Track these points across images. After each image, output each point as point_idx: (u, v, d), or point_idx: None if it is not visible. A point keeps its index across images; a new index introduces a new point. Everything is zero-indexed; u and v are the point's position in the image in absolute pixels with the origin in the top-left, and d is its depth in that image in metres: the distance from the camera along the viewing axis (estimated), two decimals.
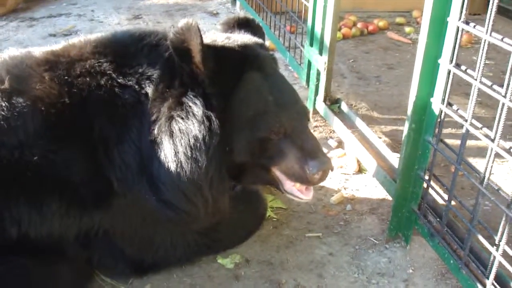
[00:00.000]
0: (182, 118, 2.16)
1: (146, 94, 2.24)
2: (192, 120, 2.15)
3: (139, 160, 2.22)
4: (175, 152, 2.16)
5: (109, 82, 2.24)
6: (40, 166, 2.08)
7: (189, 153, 2.16)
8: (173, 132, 2.17)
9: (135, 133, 2.23)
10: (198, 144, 2.16)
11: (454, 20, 2.07)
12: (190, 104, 2.17)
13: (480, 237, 2.07)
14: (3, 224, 2.05)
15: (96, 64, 2.26)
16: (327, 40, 3.53)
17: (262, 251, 2.64)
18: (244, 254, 2.62)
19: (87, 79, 2.23)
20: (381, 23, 5.95)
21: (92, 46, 2.33)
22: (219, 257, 2.58)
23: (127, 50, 2.32)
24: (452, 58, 2.12)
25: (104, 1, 6.93)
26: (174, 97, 2.20)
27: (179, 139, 2.16)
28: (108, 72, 2.25)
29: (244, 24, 2.61)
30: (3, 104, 2.09)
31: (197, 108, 2.16)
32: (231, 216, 2.60)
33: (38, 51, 2.39)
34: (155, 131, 2.19)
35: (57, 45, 2.45)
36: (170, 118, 2.18)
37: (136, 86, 2.24)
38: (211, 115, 2.17)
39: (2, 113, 2.08)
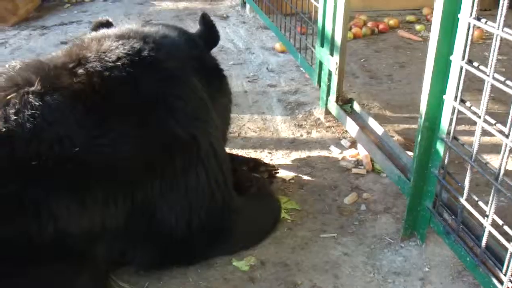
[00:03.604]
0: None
1: (191, 67, 2.62)
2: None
3: (206, 101, 2.57)
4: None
5: (153, 58, 2.44)
6: (83, 155, 2.11)
7: None
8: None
9: (194, 87, 2.54)
10: None
11: (465, 16, 2.06)
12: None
13: (496, 234, 2.05)
14: (39, 220, 2.04)
15: (131, 50, 2.41)
16: (338, 40, 3.52)
17: (277, 253, 2.64)
18: (259, 256, 2.62)
19: (128, 60, 2.36)
20: (392, 22, 5.93)
21: (113, 40, 2.47)
22: (234, 260, 2.58)
23: (150, 40, 2.53)
24: (464, 55, 2.11)
25: (114, 7, 6.96)
26: (214, 65, 2.93)
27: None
28: (147, 52, 2.45)
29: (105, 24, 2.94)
30: (37, 104, 2.12)
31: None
32: (246, 218, 2.62)
33: (51, 55, 2.53)
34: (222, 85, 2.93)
35: (66, 47, 2.58)
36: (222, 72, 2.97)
37: (178, 62, 2.55)
38: None
39: (37, 112, 2.10)
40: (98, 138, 2.18)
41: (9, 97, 2.15)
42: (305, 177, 3.24)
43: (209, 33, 2.87)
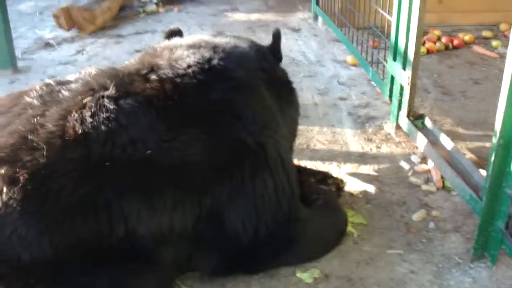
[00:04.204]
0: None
1: (260, 77, 2.65)
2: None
3: (275, 110, 2.62)
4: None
5: (222, 67, 2.51)
6: (154, 158, 2.19)
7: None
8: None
9: (263, 96, 2.59)
10: None
11: None
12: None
13: None
14: (111, 221, 2.11)
15: (201, 59, 2.49)
16: (410, 55, 3.48)
17: (341, 267, 2.62)
18: (323, 269, 2.60)
19: (198, 68, 2.44)
20: (467, 37, 5.79)
21: (184, 49, 2.56)
22: (298, 271, 2.57)
23: (219, 50, 2.58)
24: None
25: (188, 18, 7.09)
26: (283, 77, 2.95)
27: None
28: (217, 61, 2.51)
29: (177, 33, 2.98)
30: (111, 107, 2.22)
31: None
32: (311, 229, 2.61)
33: (125, 64, 2.64)
34: (291, 97, 2.94)
35: (139, 55, 2.71)
36: (291, 85, 2.97)
37: (247, 72, 2.59)
38: None
39: (112, 115, 2.20)
40: (169, 142, 2.24)
41: (85, 101, 2.24)
42: (373, 192, 3.21)
43: (275, 46, 2.89)
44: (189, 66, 2.44)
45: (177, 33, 2.95)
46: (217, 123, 2.38)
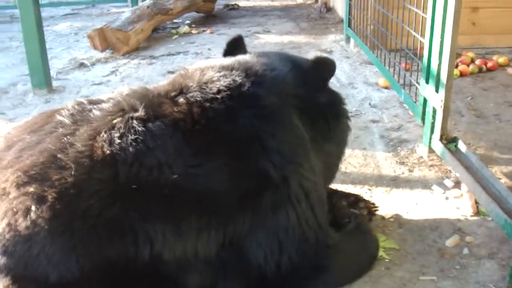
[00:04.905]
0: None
1: (294, 105, 2.56)
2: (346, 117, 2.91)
3: (306, 141, 2.52)
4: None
5: (253, 94, 2.46)
6: (180, 183, 2.17)
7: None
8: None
9: (292, 126, 2.50)
10: None
11: None
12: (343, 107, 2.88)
13: None
14: (137, 243, 2.10)
15: (231, 84, 2.45)
16: (443, 77, 3.44)
17: None
18: None
19: (227, 94, 2.40)
20: (501, 60, 5.73)
21: (215, 71, 2.53)
22: None
23: (252, 73, 2.55)
24: None
25: (220, 40, 7.15)
26: (327, 105, 2.75)
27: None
28: (247, 87, 2.46)
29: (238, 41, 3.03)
30: (140, 129, 2.22)
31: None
32: (342, 255, 2.58)
33: (156, 84, 2.64)
34: (331, 126, 2.75)
35: (170, 77, 2.69)
36: (339, 114, 2.83)
37: (278, 99, 2.51)
38: None
39: (140, 137, 2.20)
40: (194, 168, 2.23)
41: (115, 121, 2.26)
42: (405, 216, 3.16)
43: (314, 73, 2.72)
44: (218, 91, 2.41)
45: (239, 41, 3.01)
46: (243, 152, 2.34)
